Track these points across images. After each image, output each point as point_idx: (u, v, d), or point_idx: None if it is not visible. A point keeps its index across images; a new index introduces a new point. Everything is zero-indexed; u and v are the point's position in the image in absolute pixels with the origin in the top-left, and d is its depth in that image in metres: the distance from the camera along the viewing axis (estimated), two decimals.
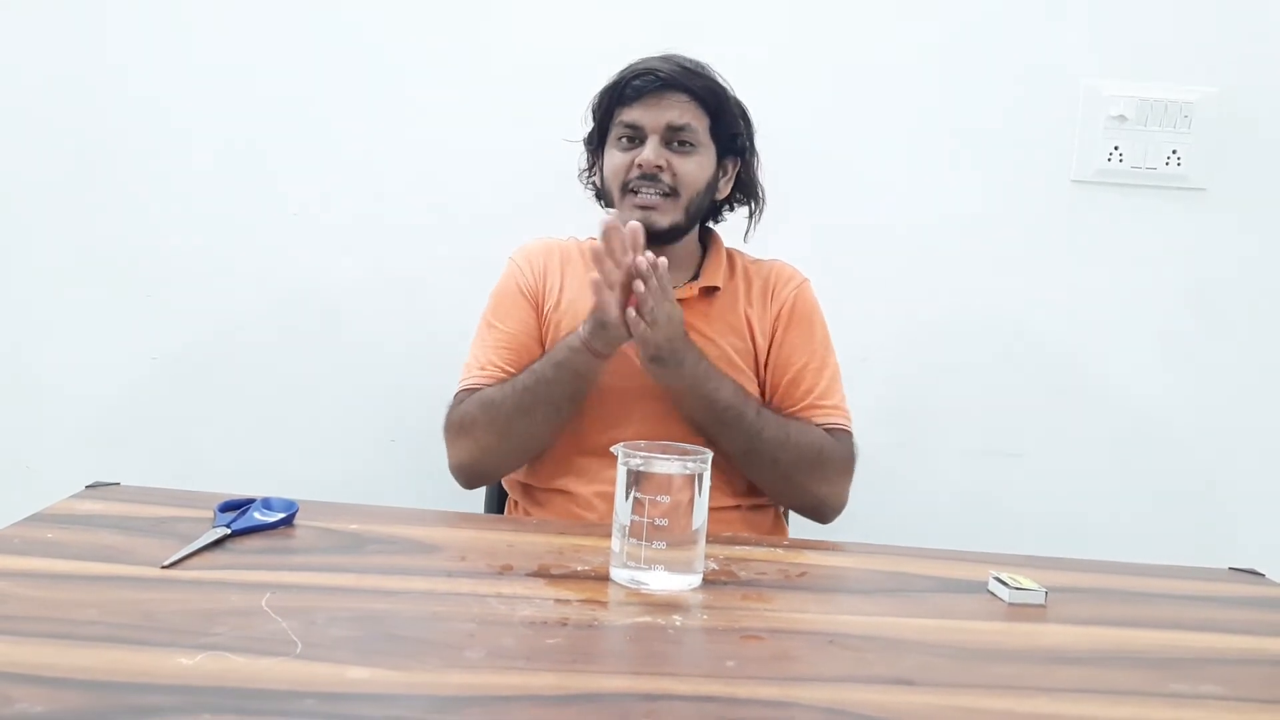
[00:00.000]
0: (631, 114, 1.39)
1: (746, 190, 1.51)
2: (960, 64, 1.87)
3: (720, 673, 0.80)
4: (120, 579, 0.90)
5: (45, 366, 1.90)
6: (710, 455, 1.00)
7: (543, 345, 1.42)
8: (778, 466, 1.34)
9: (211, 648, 0.76)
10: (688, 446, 1.02)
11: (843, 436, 1.40)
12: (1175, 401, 1.93)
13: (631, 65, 1.41)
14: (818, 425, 1.38)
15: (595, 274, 1.21)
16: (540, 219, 1.58)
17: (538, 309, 1.44)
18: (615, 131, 1.42)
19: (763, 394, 1.43)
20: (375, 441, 1.90)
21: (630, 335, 1.24)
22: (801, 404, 1.41)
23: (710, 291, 1.44)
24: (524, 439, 1.35)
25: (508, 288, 1.46)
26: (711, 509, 1.01)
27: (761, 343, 1.44)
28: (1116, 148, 1.88)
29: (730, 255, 1.51)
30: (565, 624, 0.87)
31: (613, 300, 1.22)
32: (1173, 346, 1.92)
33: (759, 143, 1.50)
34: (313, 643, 0.78)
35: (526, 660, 0.79)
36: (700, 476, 0.98)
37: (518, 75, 1.85)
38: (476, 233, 1.85)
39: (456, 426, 1.36)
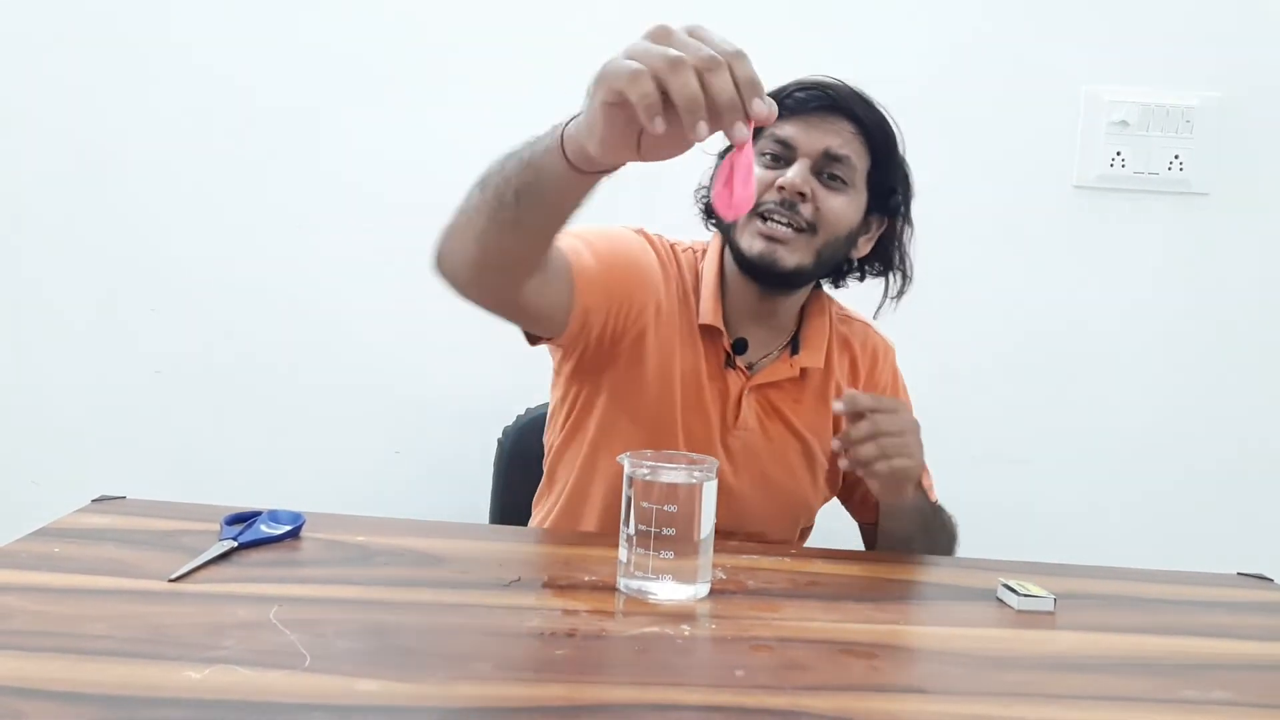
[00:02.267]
0: (786, 129, 1.21)
1: (888, 260, 1.32)
2: (962, 70, 1.88)
3: (729, 682, 0.80)
4: (128, 593, 0.90)
5: (50, 380, 1.90)
6: (716, 465, 1.00)
7: (606, 311, 1.18)
8: (933, 549, 1.28)
9: (220, 661, 0.76)
10: (695, 456, 1.02)
11: (944, 510, 1.34)
12: (1180, 406, 1.93)
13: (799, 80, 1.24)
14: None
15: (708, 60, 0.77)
16: None
17: (635, 294, 1.21)
18: (761, 146, 1.22)
19: (844, 475, 1.32)
20: (381, 453, 1.90)
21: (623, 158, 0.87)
22: None
23: (806, 372, 1.30)
24: (471, 217, 1.00)
25: (635, 247, 1.24)
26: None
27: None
28: (1119, 153, 1.88)
29: (828, 313, 1.34)
30: (573, 635, 0.87)
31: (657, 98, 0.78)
32: (1177, 351, 1.92)
33: None
34: (321, 655, 0.78)
35: (535, 671, 0.79)
36: (706, 485, 0.98)
37: (525, 81, 1.85)
38: None
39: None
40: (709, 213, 1.34)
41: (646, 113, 0.77)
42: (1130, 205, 1.90)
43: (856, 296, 1.42)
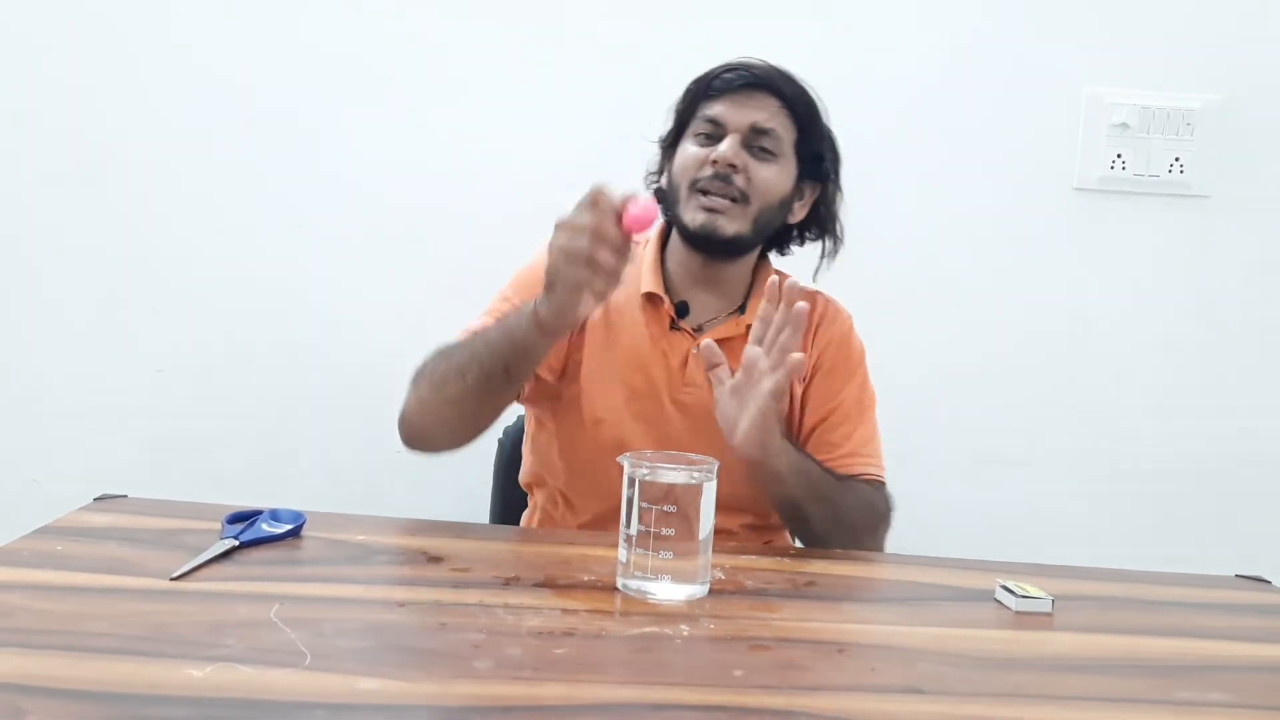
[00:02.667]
0: (715, 108, 1.30)
1: (822, 224, 1.40)
2: (962, 73, 1.88)
3: (728, 682, 0.80)
4: (129, 591, 0.90)
5: (52, 379, 1.91)
6: (716, 465, 1.00)
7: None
8: (852, 533, 1.26)
9: (221, 659, 0.76)
10: (694, 456, 1.02)
11: (882, 489, 1.34)
12: (1180, 408, 1.93)
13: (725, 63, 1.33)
14: (858, 476, 1.32)
15: (583, 229, 1.04)
16: (546, 227, 1.57)
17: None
18: (695, 126, 1.32)
19: (797, 435, 1.35)
20: (382, 452, 1.89)
21: (573, 317, 1.10)
22: (839, 451, 1.33)
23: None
24: (454, 401, 1.21)
25: (538, 273, 1.32)
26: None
27: (798, 385, 1.36)
28: (1119, 155, 1.88)
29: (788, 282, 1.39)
30: (572, 634, 0.87)
31: (581, 271, 1.05)
32: (1177, 353, 1.92)
33: None
34: (321, 654, 0.78)
35: (534, 671, 0.79)
36: (706, 486, 0.98)
37: (524, 86, 1.85)
38: (485, 243, 1.85)
39: (414, 377, 1.28)
40: (659, 198, 1.38)
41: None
42: (1131, 207, 1.90)
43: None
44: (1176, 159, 1.88)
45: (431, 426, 1.27)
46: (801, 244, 1.43)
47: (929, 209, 1.90)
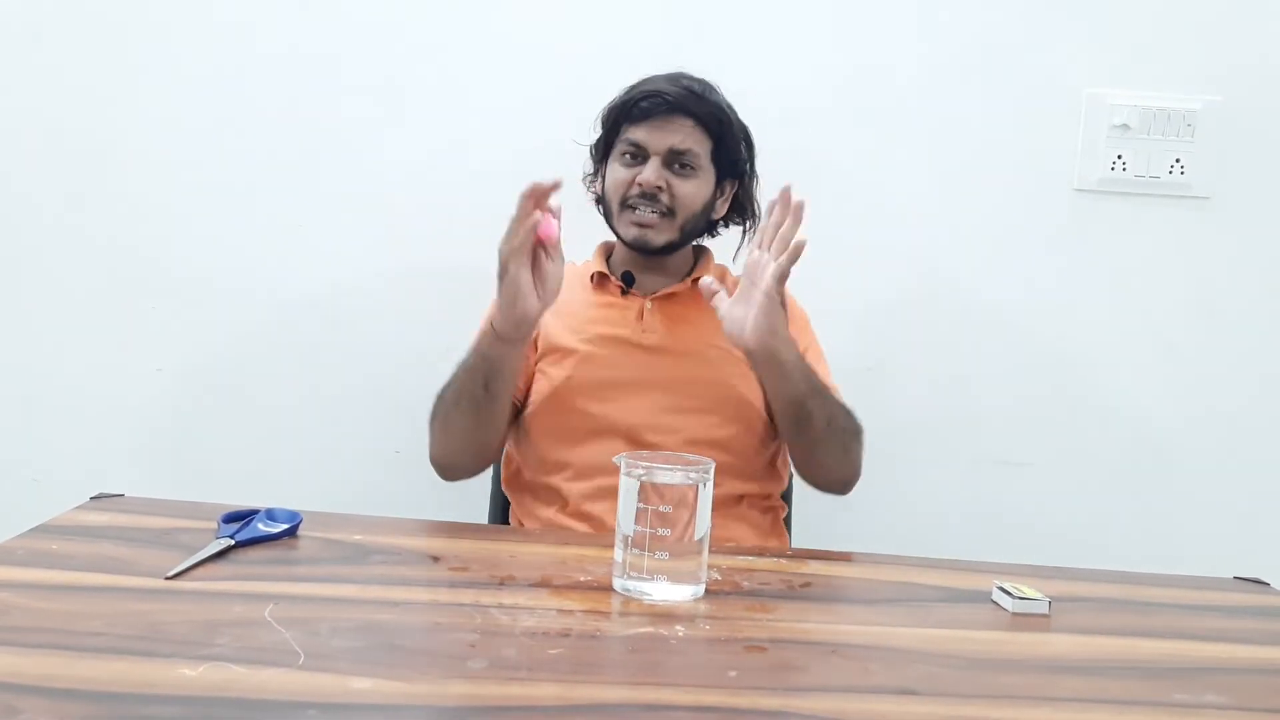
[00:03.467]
0: (636, 133, 1.42)
1: (741, 211, 1.54)
2: (962, 73, 1.87)
3: (722, 683, 0.80)
4: (124, 590, 0.90)
5: (50, 378, 1.90)
6: (713, 466, 1.00)
7: (530, 360, 1.43)
8: (843, 437, 1.35)
9: (215, 659, 0.76)
10: (690, 457, 1.03)
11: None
12: (1180, 410, 1.92)
13: (641, 83, 1.44)
14: None
15: (521, 229, 1.19)
16: None
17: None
18: (620, 147, 1.45)
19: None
20: (379, 452, 1.90)
21: (532, 315, 1.23)
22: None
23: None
24: (458, 433, 1.36)
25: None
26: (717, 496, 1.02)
27: None
28: (1120, 156, 1.88)
29: (722, 270, 1.54)
30: (568, 634, 0.87)
31: (524, 271, 1.21)
32: (1177, 355, 1.91)
33: (764, 155, 1.51)
34: (315, 653, 0.78)
35: (529, 671, 0.79)
36: (702, 486, 0.98)
37: (522, 82, 1.85)
38: (483, 242, 1.84)
39: (429, 420, 1.39)
40: (599, 201, 1.52)
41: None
42: (1131, 209, 1.90)
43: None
44: (1177, 160, 1.88)
45: (452, 459, 1.40)
46: (727, 227, 1.56)
47: (928, 210, 1.90)
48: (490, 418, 1.35)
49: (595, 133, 1.50)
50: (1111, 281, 1.91)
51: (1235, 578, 1.24)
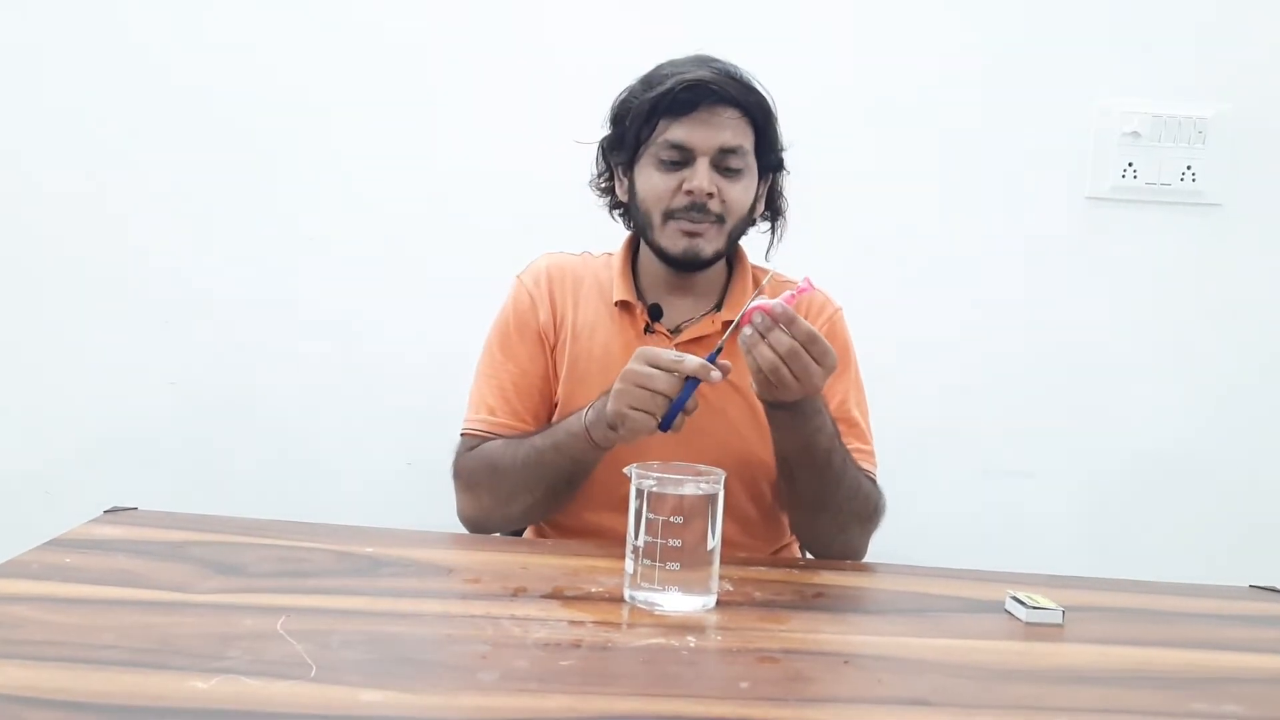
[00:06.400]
0: (679, 132, 1.24)
1: (774, 207, 1.40)
2: (974, 82, 1.88)
3: (734, 694, 0.79)
4: (137, 603, 0.90)
5: (64, 392, 1.92)
6: (724, 476, 1.00)
7: (551, 382, 1.35)
8: (839, 515, 1.25)
9: (227, 671, 0.76)
10: (701, 467, 1.02)
11: (876, 485, 1.31)
12: (1192, 418, 1.91)
13: (668, 69, 1.27)
14: None
15: (642, 379, 1.09)
16: (556, 235, 1.56)
17: (545, 342, 1.35)
18: (657, 148, 1.26)
19: None
20: (391, 464, 1.90)
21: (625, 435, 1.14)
22: None
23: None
24: (526, 510, 1.30)
25: (514, 317, 1.37)
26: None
27: None
28: (1131, 164, 1.88)
29: (755, 277, 1.39)
30: (579, 646, 0.87)
31: (649, 423, 1.10)
32: (1189, 363, 1.91)
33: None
34: (327, 666, 0.78)
35: (540, 682, 0.79)
36: (714, 497, 0.98)
37: (531, 91, 1.86)
38: (492, 252, 1.84)
39: (464, 480, 1.31)
40: (614, 206, 1.40)
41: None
42: (1142, 216, 1.90)
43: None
44: (1188, 167, 1.87)
45: (499, 526, 1.34)
46: (755, 224, 1.40)
47: (940, 218, 1.90)
48: (564, 503, 1.30)
49: (605, 129, 1.36)
50: (1123, 289, 1.90)
51: (1251, 586, 1.23)
